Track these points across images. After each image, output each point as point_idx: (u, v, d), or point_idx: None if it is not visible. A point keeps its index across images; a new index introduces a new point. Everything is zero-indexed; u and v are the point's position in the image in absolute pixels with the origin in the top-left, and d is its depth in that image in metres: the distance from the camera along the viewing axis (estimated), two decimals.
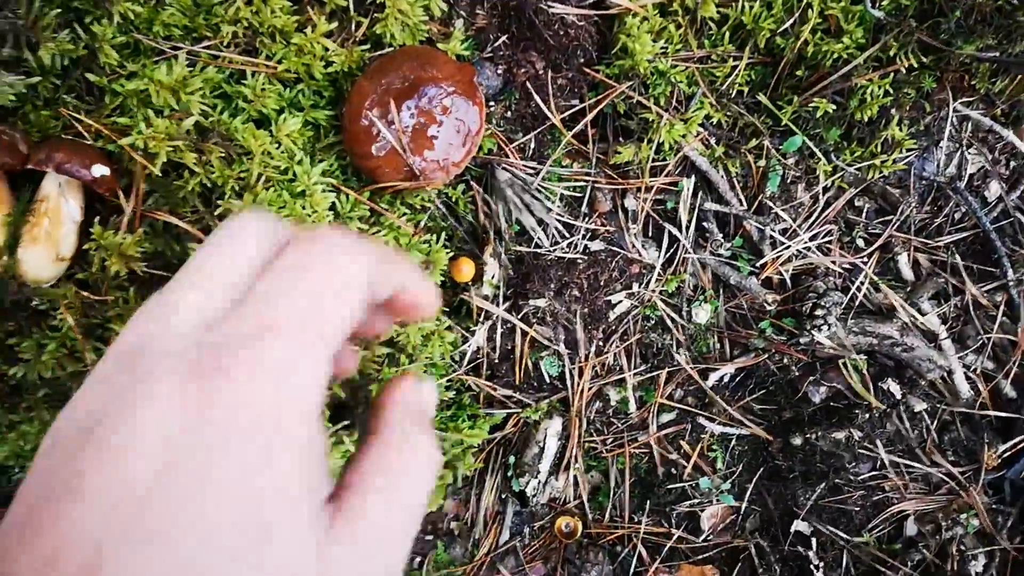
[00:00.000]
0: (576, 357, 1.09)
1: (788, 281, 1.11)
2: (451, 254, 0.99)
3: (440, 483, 1.02)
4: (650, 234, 1.09)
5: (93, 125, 0.72)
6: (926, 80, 1.02)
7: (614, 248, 1.06)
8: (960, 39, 0.95)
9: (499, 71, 0.96)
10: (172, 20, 0.76)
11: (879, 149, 1.06)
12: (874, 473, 1.17)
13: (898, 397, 1.13)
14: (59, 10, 0.70)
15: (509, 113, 0.98)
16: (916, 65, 0.99)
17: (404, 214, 0.88)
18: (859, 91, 1.00)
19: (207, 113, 0.78)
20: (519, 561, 1.15)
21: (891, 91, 1.00)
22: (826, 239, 1.11)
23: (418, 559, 1.12)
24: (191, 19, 0.77)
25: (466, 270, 0.95)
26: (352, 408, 0.78)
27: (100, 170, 0.67)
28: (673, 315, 1.11)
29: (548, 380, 1.09)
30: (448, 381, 1.02)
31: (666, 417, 1.16)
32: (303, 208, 0.77)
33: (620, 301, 1.08)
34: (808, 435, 1.13)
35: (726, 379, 1.16)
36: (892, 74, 0.99)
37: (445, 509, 1.13)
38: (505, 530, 1.14)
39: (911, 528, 1.16)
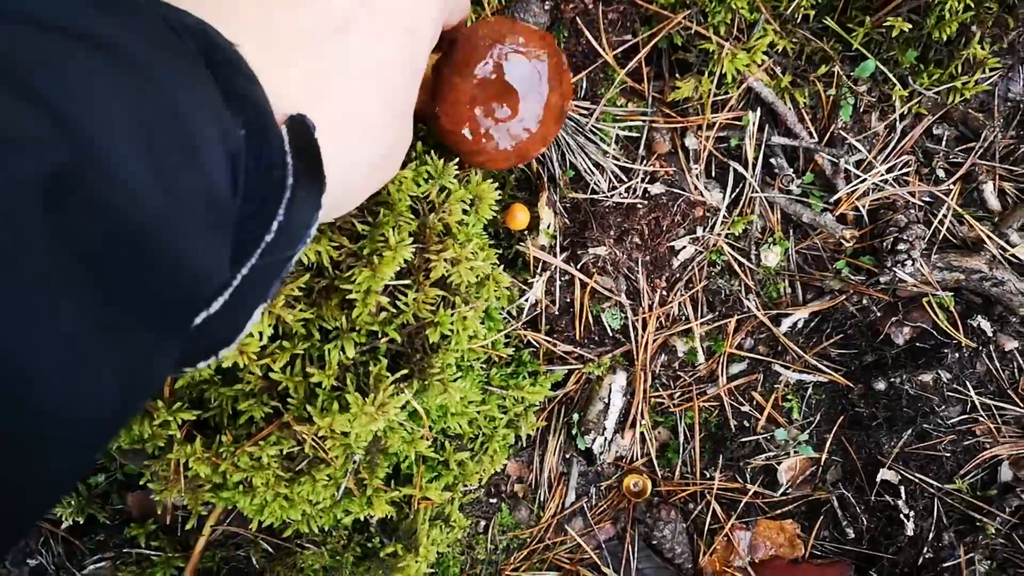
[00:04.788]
0: (639, 308, 1.04)
1: (865, 217, 1.04)
2: (504, 202, 0.94)
3: (502, 443, 0.98)
4: (713, 174, 1.03)
5: None
6: None
7: (675, 191, 1.00)
8: None
9: (546, 7, 0.91)
10: None
11: (959, 71, 0.98)
12: (964, 417, 1.10)
13: (989, 334, 1.06)
14: None
15: None
16: None
17: None
18: (936, 7, 0.92)
19: None
20: (587, 522, 1.11)
21: (971, 5, 0.92)
22: (903, 171, 1.03)
23: (483, 523, 1.09)
24: None
25: (520, 217, 0.90)
26: (410, 356, 0.75)
27: None
28: (741, 259, 1.05)
29: (610, 333, 1.05)
30: (507, 337, 0.98)
31: (736, 368, 1.10)
32: None
33: (684, 247, 1.03)
34: (892, 379, 1.06)
35: (800, 324, 1.09)
36: None
37: (508, 471, 1.10)
38: (571, 491, 1.11)
39: (1006, 473, 1.09)
